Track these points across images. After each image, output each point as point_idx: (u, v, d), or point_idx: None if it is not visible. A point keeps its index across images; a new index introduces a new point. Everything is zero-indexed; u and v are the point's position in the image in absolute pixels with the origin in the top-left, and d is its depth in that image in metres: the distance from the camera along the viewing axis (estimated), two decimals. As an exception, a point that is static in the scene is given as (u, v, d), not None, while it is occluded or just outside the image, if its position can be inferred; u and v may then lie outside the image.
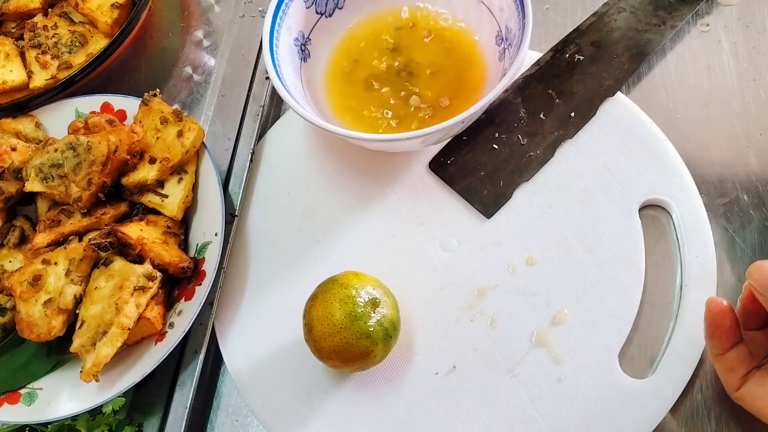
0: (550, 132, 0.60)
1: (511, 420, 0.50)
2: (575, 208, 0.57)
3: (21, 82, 0.66)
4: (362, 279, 0.51)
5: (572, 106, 0.60)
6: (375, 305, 0.49)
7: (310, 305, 0.50)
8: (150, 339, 0.54)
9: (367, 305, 0.49)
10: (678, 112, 0.61)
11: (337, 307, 0.48)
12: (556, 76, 0.62)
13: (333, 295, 0.49)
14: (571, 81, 0.62)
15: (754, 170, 0.58)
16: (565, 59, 0.63)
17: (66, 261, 0.54)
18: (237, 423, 0.55)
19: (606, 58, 0.62)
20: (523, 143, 0.60)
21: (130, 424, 0.54)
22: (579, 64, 0.62)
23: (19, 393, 0.54)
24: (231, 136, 0.64)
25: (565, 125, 0.60)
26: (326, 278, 0.52)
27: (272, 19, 0.59)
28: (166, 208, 0.58)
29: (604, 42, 0.63)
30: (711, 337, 0.44)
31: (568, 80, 0.62)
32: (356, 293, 0.49)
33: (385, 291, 0.51)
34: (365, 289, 0.50)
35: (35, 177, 0.57)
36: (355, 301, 0.48)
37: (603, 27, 0.64)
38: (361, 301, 0.49)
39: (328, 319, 0.48)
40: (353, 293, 0.49)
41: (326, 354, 0.48)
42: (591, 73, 0.61)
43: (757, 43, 0.63)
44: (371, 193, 0.61)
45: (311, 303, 0.50)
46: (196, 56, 0.72)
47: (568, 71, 0.62)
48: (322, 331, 0.48)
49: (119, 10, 0.67)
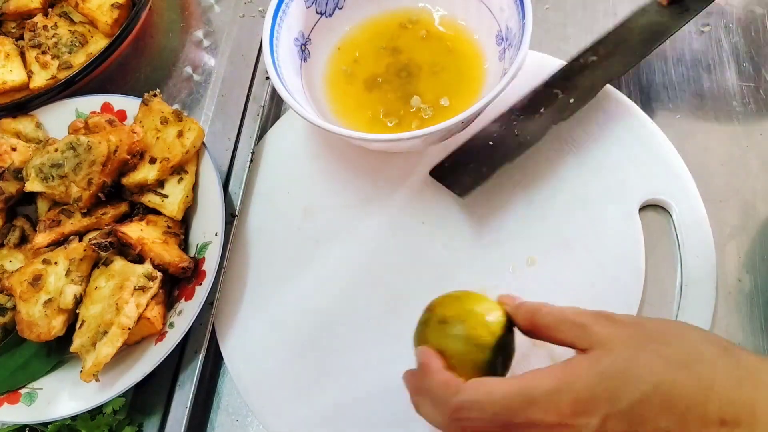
0: (548, 120, 0.58)
1: (511, 420, 0.50)
2: (575, 208, 0.57)
3: (21, 82, 0.66)
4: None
5: (575, 95, 0.59)
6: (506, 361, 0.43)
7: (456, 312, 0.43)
8: (150, 339, 0.54)
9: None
10: (678, 111, 0.61)
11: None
12: (566, 78, 0.60)
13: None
14: (579, 77, 0.60)
15: (754, 170, 0.58)
16: (579, 64, 0.60)
17: (66, 261, 0.54)
18: (237, 423, 0.55)
19: (619, 50, 0.60)
20: (517, 134, 0.58)
21: (130, 424, 0.53)
22: (591, 65, 0.60)
23: (19, 393, 0.54)
24: (231, 136, 0.64)
25: (562, 109, 0.58)
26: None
27: (272, 18, 0.59)
28: (166, 208, 0.58)
29: (622, 44, 0.60)
30: (432, 357, 0.40)
31: (577, 78, 0.60)
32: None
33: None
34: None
35: (35, 177, 0.57)
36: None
37: (622, 30, 0.61)
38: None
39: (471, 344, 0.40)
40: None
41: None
42: (600, 65, 0.59)
43: (758, 43, 0.63)
44: (372, 193, 0.61)
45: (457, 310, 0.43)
46: (196, 56, 0.72)
47: (578, 71, 0.60)
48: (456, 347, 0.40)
49: (119, 10, 0.67)
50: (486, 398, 0.36)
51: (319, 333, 0.56)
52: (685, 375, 0.33)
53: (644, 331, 0.36)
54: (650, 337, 0.36)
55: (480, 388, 0.37)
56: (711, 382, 0.33)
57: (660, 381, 0.33)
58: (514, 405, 0.35)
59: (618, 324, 0.37)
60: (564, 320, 0.38)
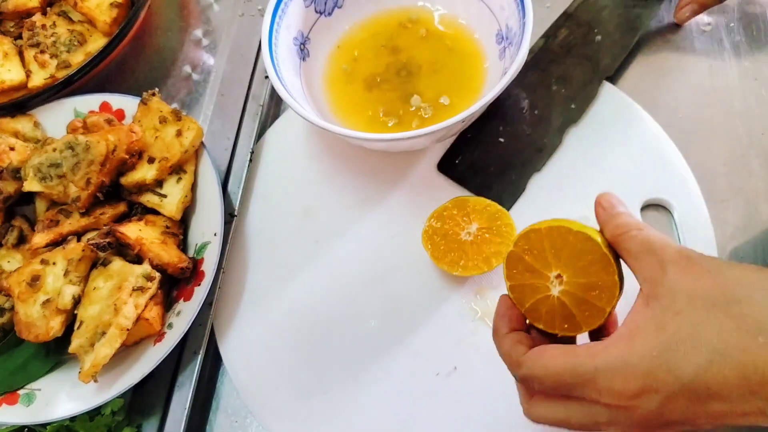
0: (554, 119, 0.60)
1: (512, 421, 0.50)
2: (576, 207, 0.56)
3: (19, 81, 0.65)
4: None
5: (572, 91, 0.61)
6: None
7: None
8: (149, 339, 0.54)
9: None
10: (680, 111, 0.61)
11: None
12: (552, 61, 0.62)
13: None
14: (567, 65, 0.62)
15: (755, 170, 0.58)
16: (557, 43, 0.63)
17: (64, 261, 0.53)
18: (236, 424, 0.55)
19: (598, 37, 0.63)
20: (529, 133, 0.59)
21: (129, 425, 0.53)
22: (573, 47, 0.63)
23: (17, 394, 0.54)
24: (230, 135, 0.64)
25: (569, 111, 0.60)
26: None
27: (271, 17, 0.58)
28: (165, 207, 0.57)
29: (594, 22, 0.64)
30: (502, 317, 0.41)
31: (563, 64, 0.62)
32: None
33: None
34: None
35: (34, 177, 0.57)
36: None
37: (591, 8, 0.65)
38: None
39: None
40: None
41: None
42: (586, 55, 0.62)
43: (758, 43, 0.63)
44: (371, 193, 0.60)
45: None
46: (195, 55, 0.72)
47: (562, 55, 0.63)
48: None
49: (118, 9, 0.67)
50: (543, 373, 0.36)
51: (318, 333, 0.55)
52: (759, 342, 0.30)
53: (724, 284, 0.32)
54: (727, 294, 0.32)
55: (538, 362, 0.36)
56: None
57: (727, 347, 0.30)
58: (569, 382, 0.34)
59: (697, 272, 0.33)
60: (648, 252, 0.35)
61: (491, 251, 0.52)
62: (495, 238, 0.53)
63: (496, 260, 0.52)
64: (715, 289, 0.32)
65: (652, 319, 0.33)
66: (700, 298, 0.32)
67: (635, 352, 0.33)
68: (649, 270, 0.35)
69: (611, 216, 0.39)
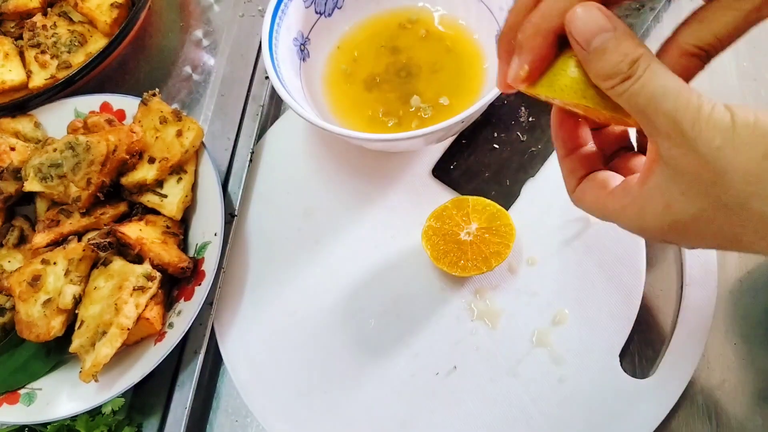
0: (548, 125, 0.60)
1: (512, 420, 0.50)
2: (575, 207, 0.56)
3: (20, 81, 0.65)
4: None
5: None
6: None
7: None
8: (149, 339, 0.54)
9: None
10: (678, 111, 0.61)
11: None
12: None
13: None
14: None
15: (754, 170, 0.58)
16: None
17: (65, 261, 0.54)
18: (237, 423, 0.55)
19: None
20: (523, 140, 0.60)
21: (130, 424, 0.53)
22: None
23: (18, 393, 0.54)
24: (230, 135, 0.64)
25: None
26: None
27: (271, 18, 0.59)
28: (166, 207, 0.58)
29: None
30: (556, 138, 0.40)
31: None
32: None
33: None
34: None
35: (34, 177, 0.57)
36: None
37: None
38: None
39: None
40: None
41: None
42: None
43: (758, 43, 0.63)
44: (371, 193, 0.61)
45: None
46: (196, 56, 0.72)
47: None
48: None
49: (118, 10, 0.67)
50: (580, 205, 0.40)
51: (318, 333, 0.55)
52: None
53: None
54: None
55: (580, 202, 0.40)
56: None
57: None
58: (597, 216, 0.39)
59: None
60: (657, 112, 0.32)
61: (490, 251, 0.53)
62: (494, 238, 0.53)
63: (495, 260, 0.52)
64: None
65: (659, 190, 0.33)
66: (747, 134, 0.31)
67: (648, 221, 0.34)
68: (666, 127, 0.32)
69: (591, 56, 0.32)
